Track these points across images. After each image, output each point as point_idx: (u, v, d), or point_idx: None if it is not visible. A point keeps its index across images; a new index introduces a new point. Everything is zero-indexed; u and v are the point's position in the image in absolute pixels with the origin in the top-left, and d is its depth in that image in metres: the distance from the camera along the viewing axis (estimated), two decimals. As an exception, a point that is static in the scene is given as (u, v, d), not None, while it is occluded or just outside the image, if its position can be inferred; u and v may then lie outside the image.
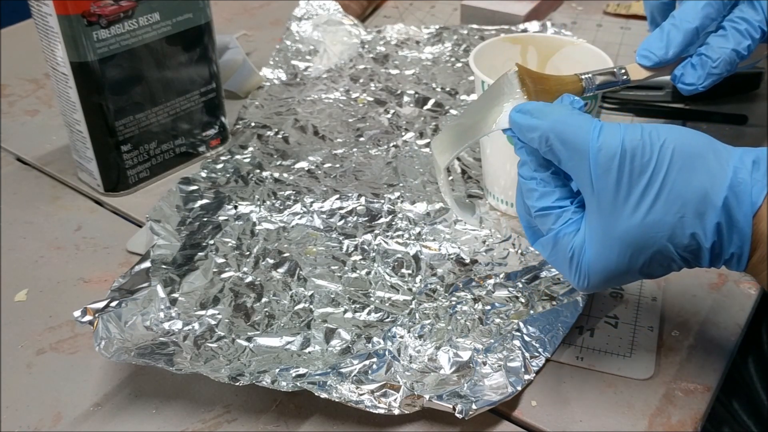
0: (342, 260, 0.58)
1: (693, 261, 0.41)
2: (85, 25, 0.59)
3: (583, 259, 0.41)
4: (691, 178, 0.39)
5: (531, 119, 0.42)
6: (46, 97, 0.84)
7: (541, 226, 0.43)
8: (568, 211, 0.42)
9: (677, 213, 0.39)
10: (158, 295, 0.53)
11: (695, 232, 0.39)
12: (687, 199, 0.38)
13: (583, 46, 0.61)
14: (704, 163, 0.39)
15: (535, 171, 0.43)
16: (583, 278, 0.42)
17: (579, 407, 0.48)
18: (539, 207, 0.42)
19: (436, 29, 0.92)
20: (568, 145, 0.40)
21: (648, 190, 0.39)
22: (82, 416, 0.48)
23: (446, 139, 0.48)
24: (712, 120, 0.77)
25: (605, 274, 0.41)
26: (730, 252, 0.40)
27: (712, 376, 0.50)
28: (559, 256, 0.42)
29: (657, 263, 0.40)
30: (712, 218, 0.38)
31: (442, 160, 0.48)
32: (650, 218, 0.39)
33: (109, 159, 0.65)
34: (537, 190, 0.42)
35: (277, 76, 0.84)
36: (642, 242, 0.39)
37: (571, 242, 0.41)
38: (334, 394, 0.46)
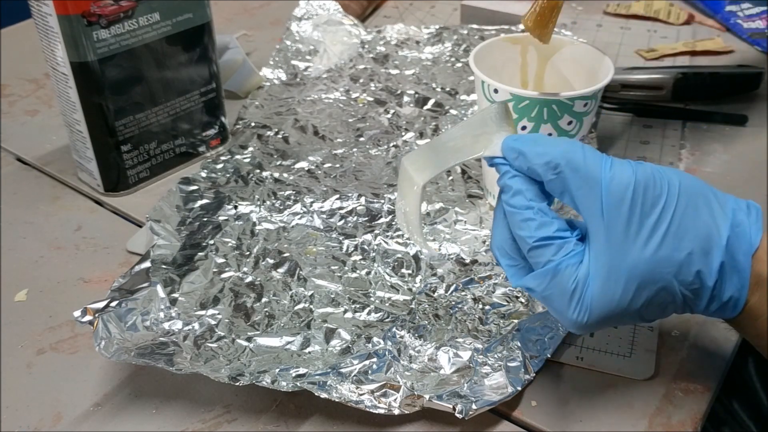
0: (342, 260, 0.58)
1: (692, 302, 0.40)
2: (85, 25, 0.59)
3: (587, 293, 0.39)
4: (697, 215, 0.39)
5: (537, 146, 0.41)
6: (46, 97, 0.84)
7: (537, 258, 0.41)
8: (570, 242, 0.40)
9: (685, 249, 0.39)
10: (158, 295, 0.53)
11: (701, 270, 0.39)
12: (695, 235, 0.39)
13: (583, 46, 0.61)
14: (707, 203, 0.40)
15: (531, 201, 0.41)
16: (583, 313, 0.40)
17: (579, 407, 0.48)
18: (539, 237, 0.40)
19: (436, 29, 0.92)
20: (580, 172, 0.39)
21: (660, 223, 0.39)
22: (82, 416, 0.48)
23: (425, 157, 0.45)
24: (712, 120, 0.77)
25: (607, 310, 0.40)
26: (728, 295, 0.40)
27: (712, 376, 0.50)
28: (557, 289, 0.40)
29: (658, 302, 0.40)
30: (717, 257, 0.39)
31: (420, 177, 0.45)
32: (661, 253, 0.38)
33: (109, 159, 0.65)
34: (535, 220, 0.40)
35: (277, 76, 0.84)
36: (650, 277, 0.39)
37: (575, 274, 0.40)
38: (334, 394, 0.46)
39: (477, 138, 0.44)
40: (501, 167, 0.43)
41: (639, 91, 0.79)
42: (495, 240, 0.44)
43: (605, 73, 0.57)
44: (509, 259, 0.43)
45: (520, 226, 0.41)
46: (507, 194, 0.42)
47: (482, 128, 0.44)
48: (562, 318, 0.41)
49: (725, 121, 0.76)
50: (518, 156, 0.42)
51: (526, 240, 0.41)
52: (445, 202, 0.63)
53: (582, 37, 0.91)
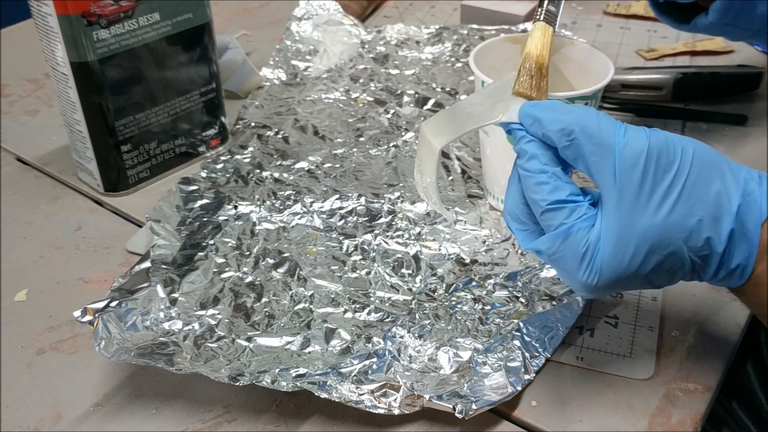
0: (342, 260, 0.58)
1: (700, 268, 0.40)
2: (85, 25, 0.59)
3: (597, 255, 0.40)
4: (709, 183, 0.40)
5: (552, 113, 0.42)
6: (46, 97, 0.84)
7: (549, 221, 0.41)
8: (583, 206, 0.41)
9: (696, 215, 0.39)
10: (158, 295, 0.53)
11: (710, 237, 0.39)
12: (706, 202, 0.39)
13: (583, 46, 0.61)
14: (719, 171, 0.40)
15: (545, 165, 0.42)
16: (593, 275, 0.40)
17: (579, 407, 0.48)
18: (552, 200, 0.41)
19: (436, 29, 0.92)
20: (594, 139, 0.40)
21: (671, 189, 0.39)
22: (82, 416, 0.48)
23: (443, 122, 0.46)
24: (712, 120, 0.77)
25: (617, 273, 0.40)
26: (736, 262, 0.40)
27: (712, 376, 0.50)
28: (569, 252, 0.41)
29: (666, 267, 0.40)
30: (727, 224, 0.39)
31: (438, 141, 0.45)
32: (672, 218, 0.39)
33: (109, 159, 0.65)
34: (549, 183, 0.41)
35: (277, 76, 0.84)
36: (660, 241, 0.39)
37: (586, 237, 0.40)
38: (334, 394, 0.46)
39: (495, 104, 0.45)
40: (517, 132, 0.43)
41: (639, 91, 0.79)
42: (507, 205, 0.44)
43: (605, 73, 0.57)
44: (520, 223, 0.44)
45: (534, 189, 0.42)
46: (522, 159, 0.43)
47: (500, 95, 0.45)
48: (572, 280, 0.42)
49: (725, 121, 0.76)
50: (534, 122, 0.42)
51: (539, 203, 0.41)
52: (445, 202, 0.63)
53: (582, 37, 0.91)
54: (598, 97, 0.57)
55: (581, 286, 0.41)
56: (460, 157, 0.70)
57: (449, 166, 0.69)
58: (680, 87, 0.78)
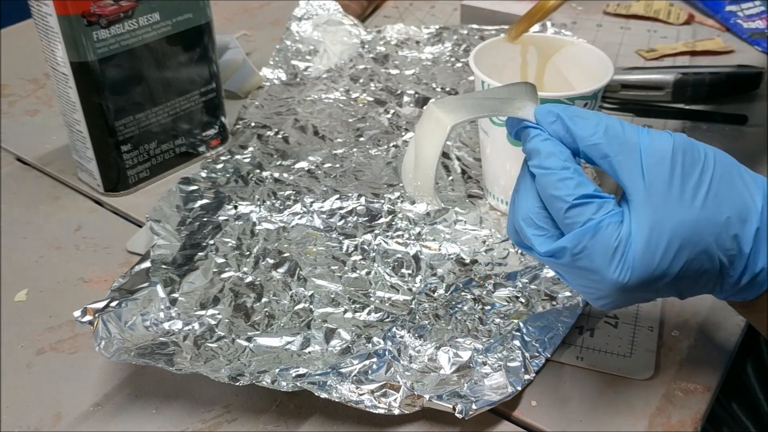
0: (342, 260, 0.58)
1: (726, 271, 0.40)
2: (85, 25, 0.59)
3: (629, 251, 0.39)
4: (732, 182, 0.40)
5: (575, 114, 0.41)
6: (46, 97, 0.84)
7: (576, 217, 0.40)
8: (610, 202, 0.40)
9: (725, 213, 0.39)
10: (158, 295, 0.53)
11: (738, 234, 0.39)
12: (733, 200, 0.39)
13: (583, 46, 0.61)
14: (740, 173, 0.40)
15: (566, 161, 0.41)
16: (626, 272, 0.39)
17: (579, 407, 0.48)
18: (579, 194, 0.39)
19: (436, 29, 0.92)
20: (619, 138, 0.40)
21: (700, 185, 0.39)
22: (82, 416, 0.48)
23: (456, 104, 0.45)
24: (712, 120, 0.77)
25: (648, 269, 0.39)
26: (761, 266, 0.40)
27: (712, 376, 0.50)
28: (599, 248, 0.39)
29: (696, 267, 0.39)
30: (753, 222, 0.39)
31: (451, 117, 0.44)
32: (704, 212, 0.39)
33: (109, 159, 0.65)
34: (573, 179, 0.40)
35: (277, 76, 0.84)
36: (691, 238, 0.39)
37: (617, 231, 0.39)
38: (334, 394, 0.46)
39: (510, 101, 0.44)
40: (531, 130, 0.42)
41: (639, 91, 0.79)
42: (520, 211, 0.42)
43: (605, 73, 0.57)
44: (537, 228, 0.42)
45: (557, 186, 0.40)
46: (538, 157, 0.41)
47: (515, 95, 0.44)
48: (599, 282, 0.40)
49: (725, 121, 0.76)
50: (556, 120, 0.42)
51: (565, 199, 0.40)
52: (445, 202, 0.63)
53: (582, 37, 0.91)
54: (598, 97, 0.57)
55: (611, 284, 0.39)
56: (460, 157, 0.70)
57: (449, 166, 0.69)
58: (680, 87, 0.78)
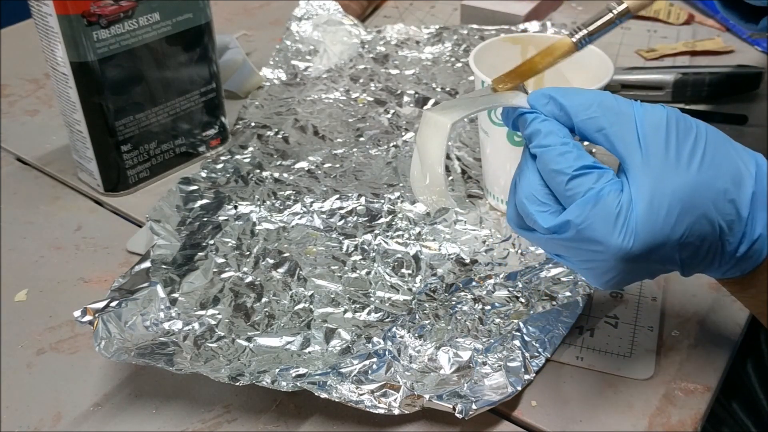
0: (342, 260, 0.58)
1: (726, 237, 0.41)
2: (85, 25, 0.59)
3: (631, 216, 0.39)
4: (725, 149, 0.41)
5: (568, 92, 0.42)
6: (46, 97, 0.84)
7: (577, 188, 0.40)
8: (609, 171, 0.41)
9: (721, 177, 0.40)
10: (158, 295, 0.53)
11: (735, 199, 0.40)
12: (727, 165, 0.40)
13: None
14: (731, 144, 0.41)
15: (564, 137, 0.42)
16: (629, 237, 0.39)
17: (579, 407, 0.48)
18: (579, 166, 0.40)
19: (436, 29, 0.92)
20: (613, 110, 0.41)
21: (695, 150, 0.40)
22: (82, 416, 0.48)
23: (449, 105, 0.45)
24: (712, 120, 0.76)
25: (651, 234, 0.39)
26: (758, 232, 0.40)
27: (712, 376, 0.50)
28: (600, 216, 0.39)
29: (697, 232, 0.40)
30: (748, 187, 0.40)
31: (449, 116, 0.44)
32: (701, 177, 0.40)
33: (109, 159, 0.65)
34: (572, 152, 0.41)
35: (277, 76, 0.84)
36: (691, 201, 0.39)
37: (618, 198, 0.40)
38: (334, 394, 0.46)
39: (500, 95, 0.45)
40: (528, 116, 0.43)
41: (639, 91, 0.79)
42: (523, 189, 0.43)
43: (605, 73, 0.57)
44: (539, 204, 0.42)
45: (557, 160, 0.41)
46: (537, 138, 0.42)
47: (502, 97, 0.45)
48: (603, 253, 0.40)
49: (725, 121, 0.76)
50: (549, 101, 0.43)
51: (565, 171, 0.41)
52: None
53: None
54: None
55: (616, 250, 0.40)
56: (460, 157, 0.70)
57: (449, 166, 0.69)
58: (680, 87, 0.78)
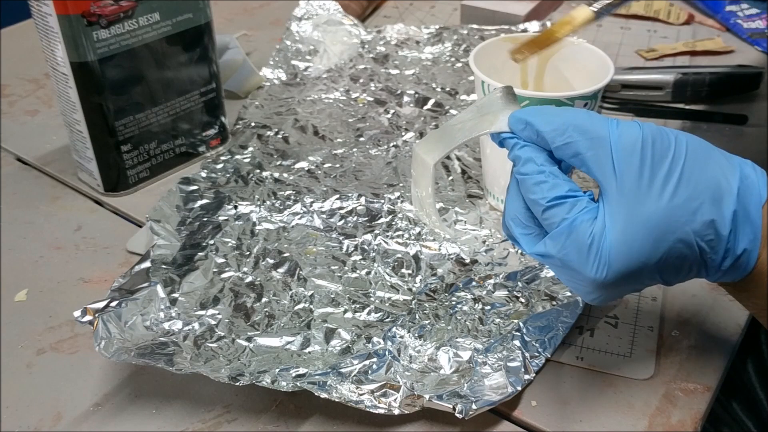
0: (342, 260, 0.58)
1: (708, 256, 0.40)
2: (85, 25, 0.59)
3: (604, 245, 0.39)
4: (706, 167, 0.40)
5: (543, 116, 0.42)
6: (46, 97, 0.84)
7: (551, 218, 0.41)
8: (583, 200, 0.41)
9: (698, 198, 0.39)
10: (158, 295, 0.53)
11: (714, 219, 0.39)
12: (706, 185, 0.39)
13: (583, 46, 0.61)
14: (714, 156, 0.40)
15: (541, 165, 0.42)
16: (602, 267, 0.39)
17: (579, 407, 0.48)
18: (552, 197, 0.41)
19: (436, 29, 0.92)
20: (588, 134, 0.40)
21: (671, 173, 0.39)
22: (82, 416, 0.48)
23: (433, 141, 0.47)
24: (712, 120, 0.77)
25: (626, 263, 0.39)
26: (742, 247, 0.40)
27: (712, 376, 0.50)
28: (574, 246, 0.40)
29: (675, 255, 0.40)
30: (729, 205, 0.39)
31: (431, 157, 0.46)
32: (675, 201, 0.39)
33: (109, 159, 0.65)
34: (547, 182, 0.41)
35: (277, 76, 0.84)
36: (666, 227, 0.39)
37: (590, 228, 0.40)
38: (334, 394, 0.46)
39: (483, 117, 0.45)
40: (509, 141, 0.44)
41: (639, 91, 0.79)
42: (508, 212, 0.44)
43: (605, 73, 0.57)
44: (523, 227, 0.43)
45: (533, 189, 0.41)
46: (518, 164, 0.43)
47: (488, 108, 0.45)
48: (582, 280, 0.40)
49: (725, 121, 0.76)
50: (526, 126, 0.42)
51: (539, 202, 0.41)
52: (445, 202, 0.63)
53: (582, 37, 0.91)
54: (598, 97, 0.57)
55: (590, 282, 0.40)
56: (460, 157, 0.70)
57: (449, 166, 0.69)
58: (680, 87, 0.78)
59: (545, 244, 0.41)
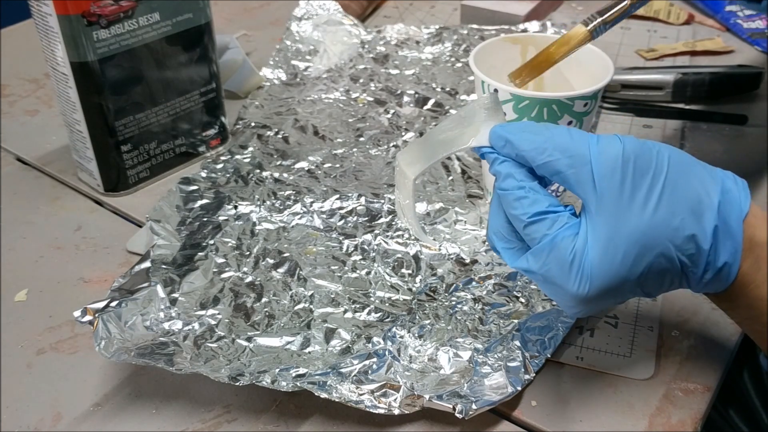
0: (342, 260, 0.58)
1: (689, 270, 0.40)
2: (85, 25, 0.59)
3: (586, 261, 0.40)
4: (687, 182, 0.40)
5: (523, 133, 0.42)
6: (46, 97, 0.84)
7: (533, 234, 0.41)
8: (564, 215, 0.41)
9: (679, 214, 0.39)
10: (158, 295, 0.53)
11: (695, 234, 0.39)
12: (687, 200, 0.39)
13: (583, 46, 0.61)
14: (696, 171, 0.41)
15: (521, 181, 0.42)
16: (584, 283, 0.40)
17: (579, 407, 0.48)
18: (533, 212, 0.41)
19: (436, 29, 0.92)
20: (568, 152, 0.40)
21: (652, 189, 0.39)
22: (82, 416, 0.48)
23: (415, 152, 0.46)
24: (712, 120, 0.77)
25: (607, 278, 0.40)
26: (723, 260, 0.40)
27: (712, 376, 0.50)
28: (555, 262, 0.40)
29: (656, 269, 0.40)
30: (710, 220, 0.39)
31: (411, 170, 0.46)
32: (656, 217, 0.39)
33: (109, 159, 0.65)
34: (527, 198, 0.41)
35: (277, 76, 0.84)
36: (647, 242, 0.39)
37: (572, 244, 0.40)
38: (334, 394, 0.46)
39: (465, 129, 0.45)
40: (489, 156, 0.44)
41: (639, 91, 0.79)
42: (491, 225, 0.44)
43: (605, 73, 0.57)
44: (505, 242, 0.43)
45: (513, 205, 0.41)
46: (498, 179, 0.43)
47: (471, 119, 0.45)
48: (564, 294, 0.41)
49: (725, 121, 0.76)
50: (506, 144, 0.42)
51: (520, 218, 0.41)
52: (445, 202, 0.63)
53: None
54: (598, 97, 0.57)
55: (572, 297, 0.40)
56: (460, 157, 0.70)
57: (449, 166, 0.69)
58: (680, 87, 0.78)
59: (527, 259, 0.42)
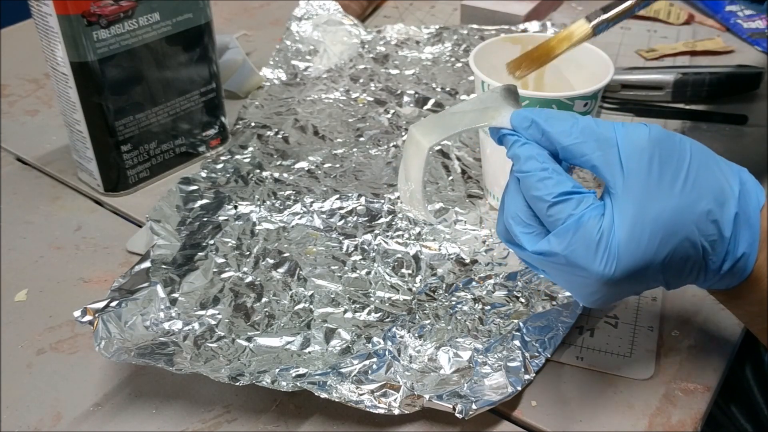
0: (342, 260, 0.58)
1: (709, 257, 0.40)
2: (85, 25, 0.59)
3: (613, 241, 0.39)
4: (709, 169, 0.40)
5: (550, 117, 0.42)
6: (46, 97, 0.84)
7: (558, 214, 0.40)
8: (590, 197, 0.40)
9: (704, 198, 0.40)
10: (158, 295, 0.53)
11: (718, 220, 0.40)
12: (711, 186, 0.40)
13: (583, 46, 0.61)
14: (716, 161, 0.41)
15: (544, 162, 0.41)
16: (611, 262, 0.39)
17: (579, 407, 0.48)
18: (558, 192, 0.40)
19: (436, 29, 0.92)
20: (594, 135, 0.40)
21: (678, 173, 0.40)
22: (82, 416, 0.48)
23: (432, 124, 0.46)
24: (712, 120, 0.77)
25: (633, 259, 0.39)
26: (741, 250, 0.40)
27: (712, 376, 0.50)
28: (581, 242, 0.39)
29: (680, 254, 0.40)
30: (732, 207, 0.40)
31: (427, 140, 0.45)
32: (684, 199, 0.39)
33: (109, 159, 0.65)
34: (551, 178, 0.40)
35: (277, 76, 0.84)
36: (673, 225, 0.39)
37: (599, 224, 0.39)
38: (334, 394, 0.46)
39: (485, 111, 0.45)
40: (509, 138, 0.43)
41: (639, 91, 0.79)
42: (509, 210, 0.43)
43: (605, 73, 0.57)
44: (524, 226, 0.42)
45: (537, 186, 0.41)
46: (519, 162, 0.42)
47: (490, 103, 0.45)
48: (586, 277, 0.40)
49: (725, 121, 0.76)
50: (531, 125, 0.42)
51: (545, 198, 0.40)
52: (445, 202, 0.63)
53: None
54: (598, 97, 0.57)
55: (598, 277, 0.40)
56: (460, 157, 0.70)
57: (449, 166, 0.69)
58: (680, 87, 0.78)
59: (549, 241, 0.41)
